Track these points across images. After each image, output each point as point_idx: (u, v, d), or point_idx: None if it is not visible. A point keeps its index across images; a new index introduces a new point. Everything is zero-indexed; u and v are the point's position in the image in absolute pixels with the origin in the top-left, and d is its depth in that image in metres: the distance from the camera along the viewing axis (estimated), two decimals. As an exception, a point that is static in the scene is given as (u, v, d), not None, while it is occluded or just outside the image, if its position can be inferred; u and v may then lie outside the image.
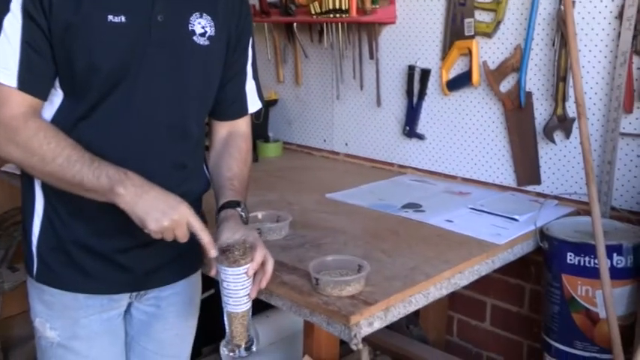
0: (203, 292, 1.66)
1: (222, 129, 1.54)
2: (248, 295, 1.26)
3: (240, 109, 1.53)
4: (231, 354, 1.28)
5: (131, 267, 1.40)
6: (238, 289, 1.24)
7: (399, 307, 1.43)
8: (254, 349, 1.30)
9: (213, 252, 1.24)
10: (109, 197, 1.22)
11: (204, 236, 1.25)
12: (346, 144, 2.77)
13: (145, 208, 1.19)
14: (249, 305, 1.27)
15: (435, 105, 2.42)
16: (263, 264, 1.28)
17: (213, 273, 1.29)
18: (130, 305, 1.52)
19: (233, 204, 1.38)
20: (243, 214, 1.38)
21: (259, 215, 1.75)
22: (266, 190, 2.24)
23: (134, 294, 1.48)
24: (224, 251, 1.24)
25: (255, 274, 1.27)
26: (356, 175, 2.51)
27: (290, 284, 1.45)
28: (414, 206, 2.05)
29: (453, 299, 2.50)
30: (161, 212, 1.19)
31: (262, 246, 1.28)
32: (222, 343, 1.30)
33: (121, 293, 1.45)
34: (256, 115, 2.72)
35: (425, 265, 1.57)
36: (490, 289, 2.38)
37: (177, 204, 1.22)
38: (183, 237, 1.24)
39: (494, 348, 2.43)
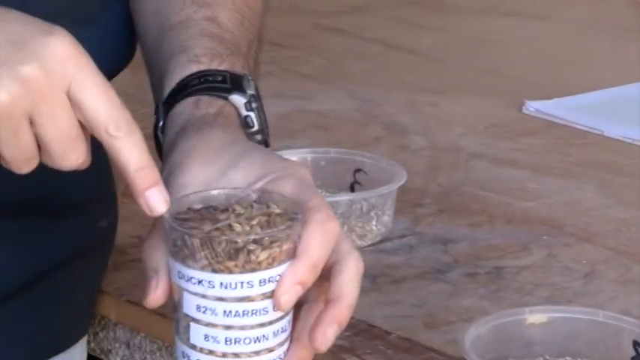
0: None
1: None
2: None
3: None
4: None
5: None
6: (240, 351, 0.69)
7: None
8: None
9: (159, 206, 0.73)
10: None
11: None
12: None
13: None
14: None
15: None
16: (330, 272, 0.68)
17: (156, 299, 0.69)
18: None
19: (215, 82, 0.81)
20: (251, 114, 0.85)
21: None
22: (322, 82, 1.50)
23: None
24: (197, 218, 0.69)
25: (299, 303, 0.69)
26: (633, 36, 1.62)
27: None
28: None
29: None
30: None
31: (328, 212, 0.70)
32: None
33: None
34: None
35: None
36: None
37: (44, 32, 0.75)
38: (65, 122, 0.70)
39: None
